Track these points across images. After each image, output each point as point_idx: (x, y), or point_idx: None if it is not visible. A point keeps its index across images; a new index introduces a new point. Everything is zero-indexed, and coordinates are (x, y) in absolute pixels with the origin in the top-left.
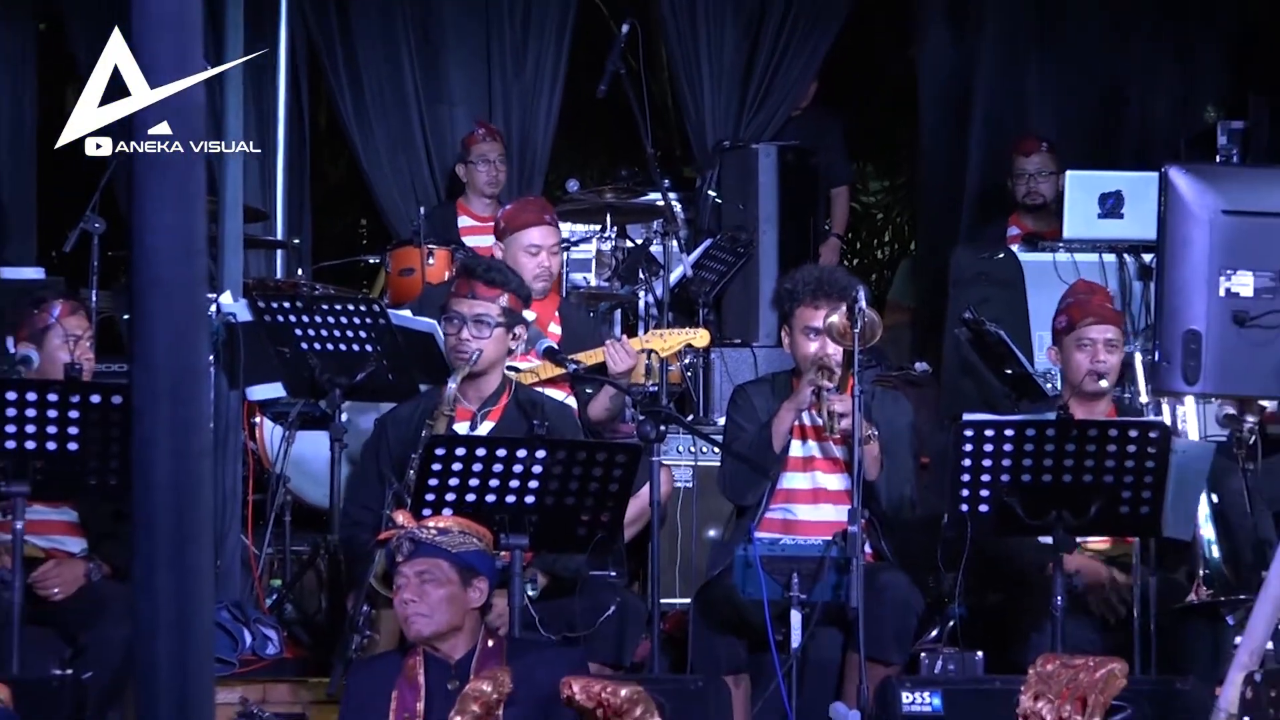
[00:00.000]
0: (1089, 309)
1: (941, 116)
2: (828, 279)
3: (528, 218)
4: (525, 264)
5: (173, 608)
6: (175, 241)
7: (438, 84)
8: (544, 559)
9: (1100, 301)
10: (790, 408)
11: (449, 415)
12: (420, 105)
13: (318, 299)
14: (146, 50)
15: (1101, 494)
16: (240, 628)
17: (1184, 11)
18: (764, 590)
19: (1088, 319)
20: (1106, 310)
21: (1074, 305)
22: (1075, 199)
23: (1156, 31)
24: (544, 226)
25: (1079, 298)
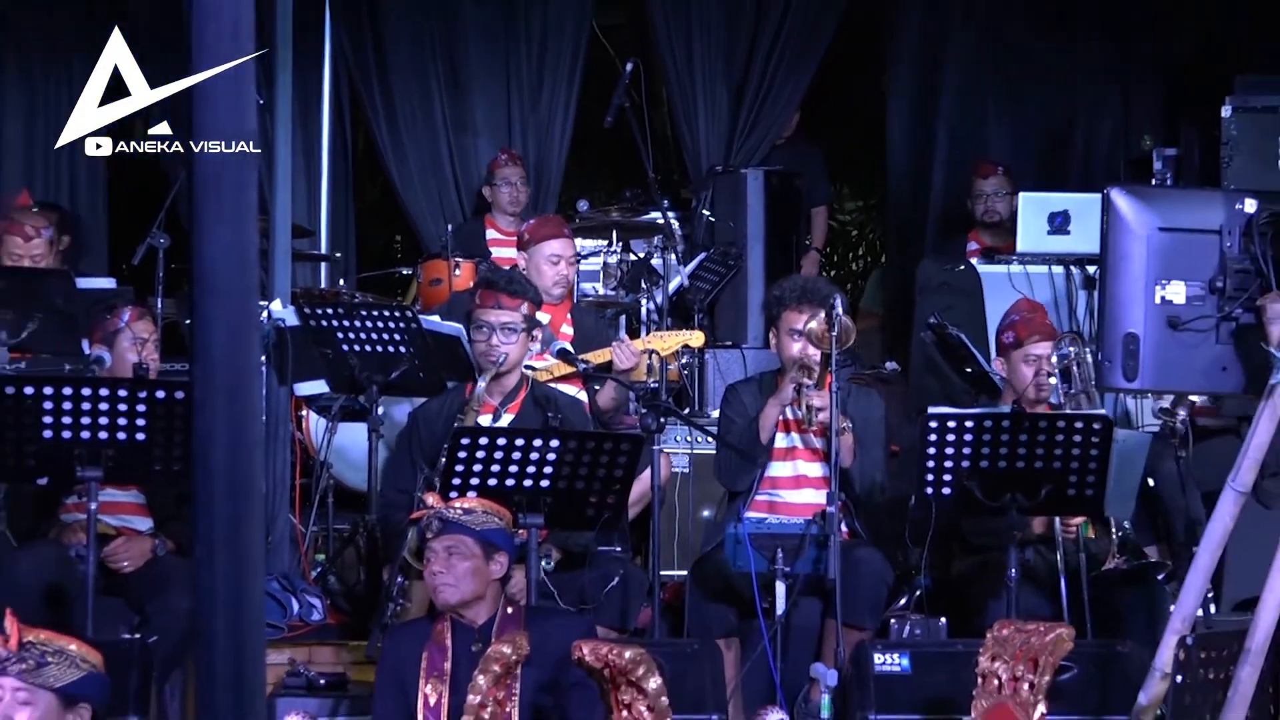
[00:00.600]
0: (1034, 327)
1: (909, 144)
2: (811, 287)
3: (549, 231)
4: (546, 271)
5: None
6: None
7: (463, 115)
8: (557, 536)
9: (1042, 320)
10: (775, 404)
11: (477, 411)
12: (448, 134)
13: (357, 306)
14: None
15: (1050, 479)
16: (289, 597)
17: (1124, 51)
18: (752, 564)
19: (1033, 336)
20: (1048, 328)
21: (1020, 323)
22: (1027, 217)
23: (1099, 68)
24: (564, 239)
25: (1024, 316)
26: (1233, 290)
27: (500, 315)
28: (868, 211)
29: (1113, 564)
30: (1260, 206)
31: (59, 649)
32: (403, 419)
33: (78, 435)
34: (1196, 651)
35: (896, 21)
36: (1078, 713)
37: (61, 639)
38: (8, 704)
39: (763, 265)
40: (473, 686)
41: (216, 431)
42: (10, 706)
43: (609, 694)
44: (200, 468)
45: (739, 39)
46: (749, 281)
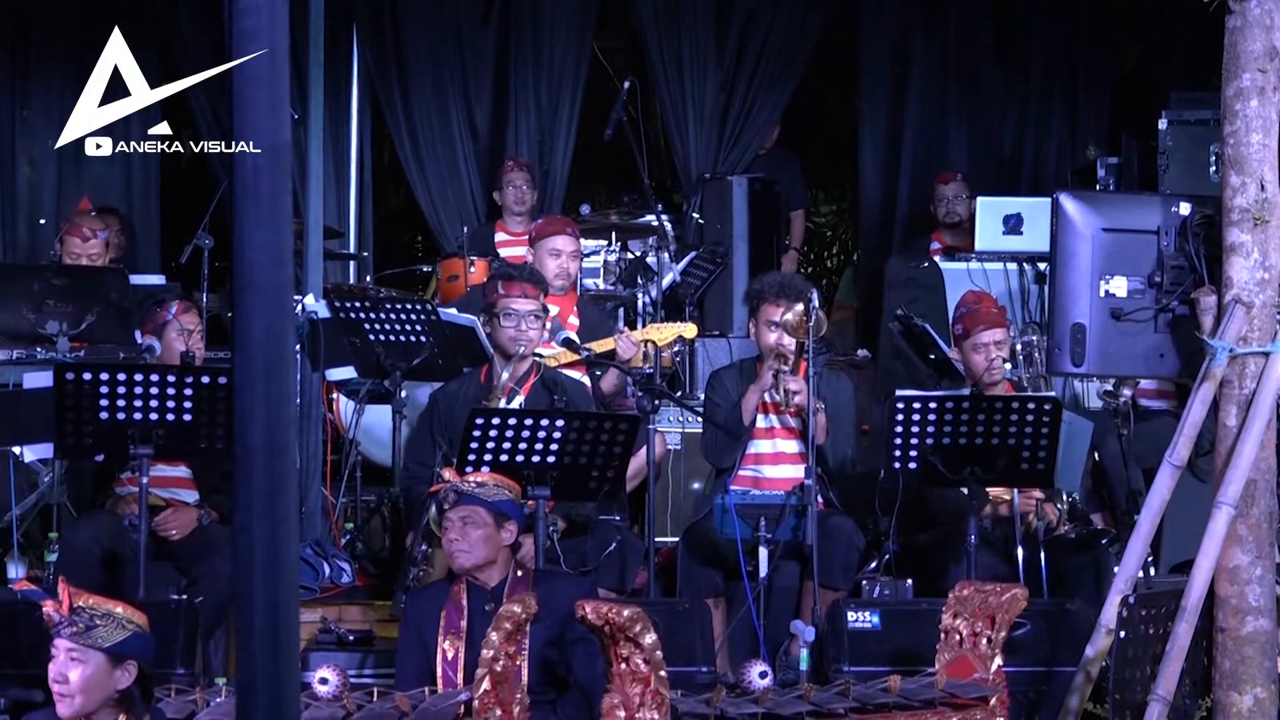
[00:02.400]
0: (980, 317)
1: (878, 153)
2: (788, 282)
3: (554, 228)
4: (549, 264)
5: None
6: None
7: (477, 129)
8: (562, 506)
9: (988, 308)
10: (755, 390)
11: (502, 394)
12: (463, 146)
13: (382, 300)
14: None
15: (1006, 454)
16: (321, 561)
17: (1071, 69)
18: (737, 531)
19: (979, 326)
20: (994, 315)
21: (967, 315)
22: (984, 219)
23: (1049, 85)
24: (565, 236)
25: (970, 308)
26: (1169, 284)
27: (526, 304)
28: (840, 214)
29: (1062, 531)
30: (1193, 209)
31: (106, 612)
32: (424, 401)
33: (131, 416)
34: (1138, 610)
35: (866, 44)
36: (1031, 665)
37: (109, 603)
38: (62, 663)
39: (747, 262)
40: (486, 642)
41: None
42: (65, 665)
43: (609, 648)
44: (240, 447)
45: (725, 60)
46: (734, 277)
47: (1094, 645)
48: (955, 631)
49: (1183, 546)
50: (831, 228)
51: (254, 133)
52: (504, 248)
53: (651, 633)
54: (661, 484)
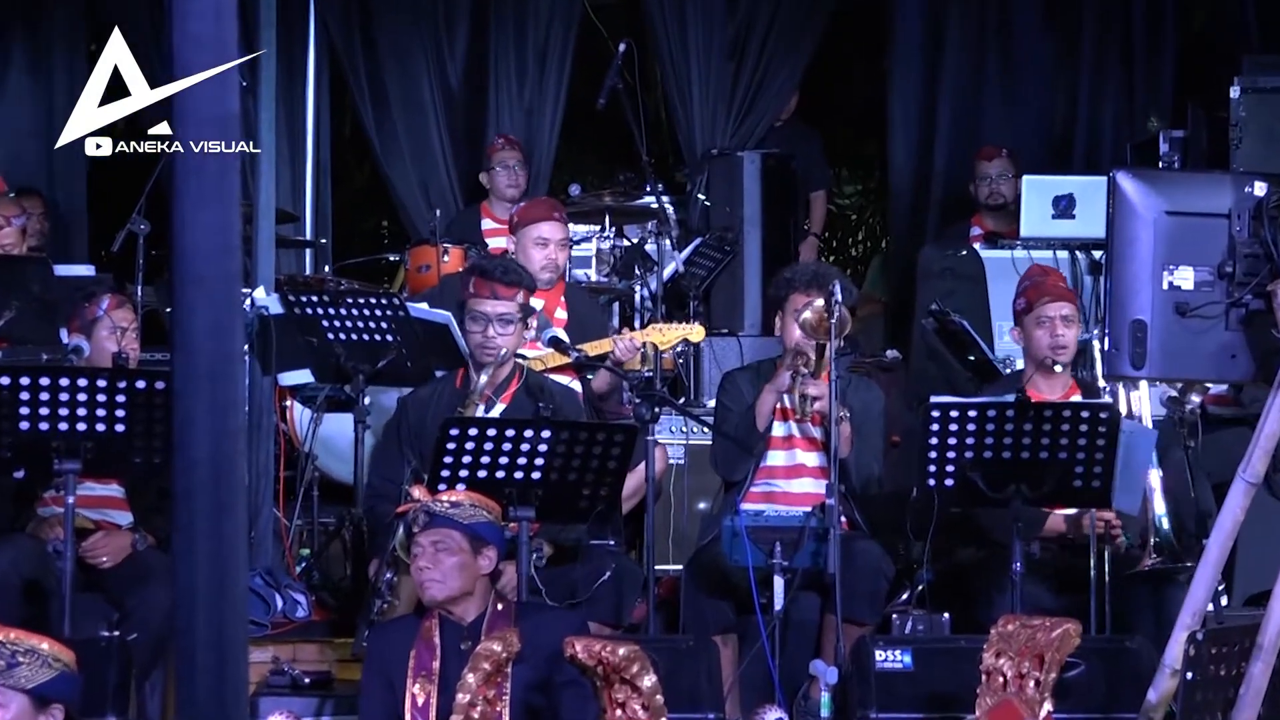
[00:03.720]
0: (1044, 289)
1: (910, 126)
2: (822, 272)
3: (538, 213)
4: (534, 255)
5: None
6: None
7: (452, 96)
8: (549, 529)
9: (1054, 281)
10: (771, 391)
11: (476, 403)
12: (437, 116)
13: (343, 293)
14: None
15: (1056, 469)
16: (272, 592)
17: (1129, 30)
18: (749, 557)
19: (1044, 298)
20: (1060, 289)
21: (1030, 287)
22: (1031, 201)
23: (1104, 48)
24: (553, 222)
25: (1035, 280)
26: (1242, 275)
27: (496, 306)
28: (867, 195)
29: (1149, 564)
30: (1270, 189)
31: (30, 648)
32: (389, 409)
33: (55, 427)
34: (1207, 647)
35: (896, 2)
36: (1085, 710)
37: (33, 638)
38: None
39: (760, 251)
40: (462, 685)
41: (198, 422)
42: None
43: (602, 692)
44: (181, 459)
45: (736, 19)
46: (745, 267)
47: (1157, 688)
48: (999, 672)
49: (1259, 575)
50: (857, 211)
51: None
52: (492, 237)
53: (651, 674)
54: (662, 503)
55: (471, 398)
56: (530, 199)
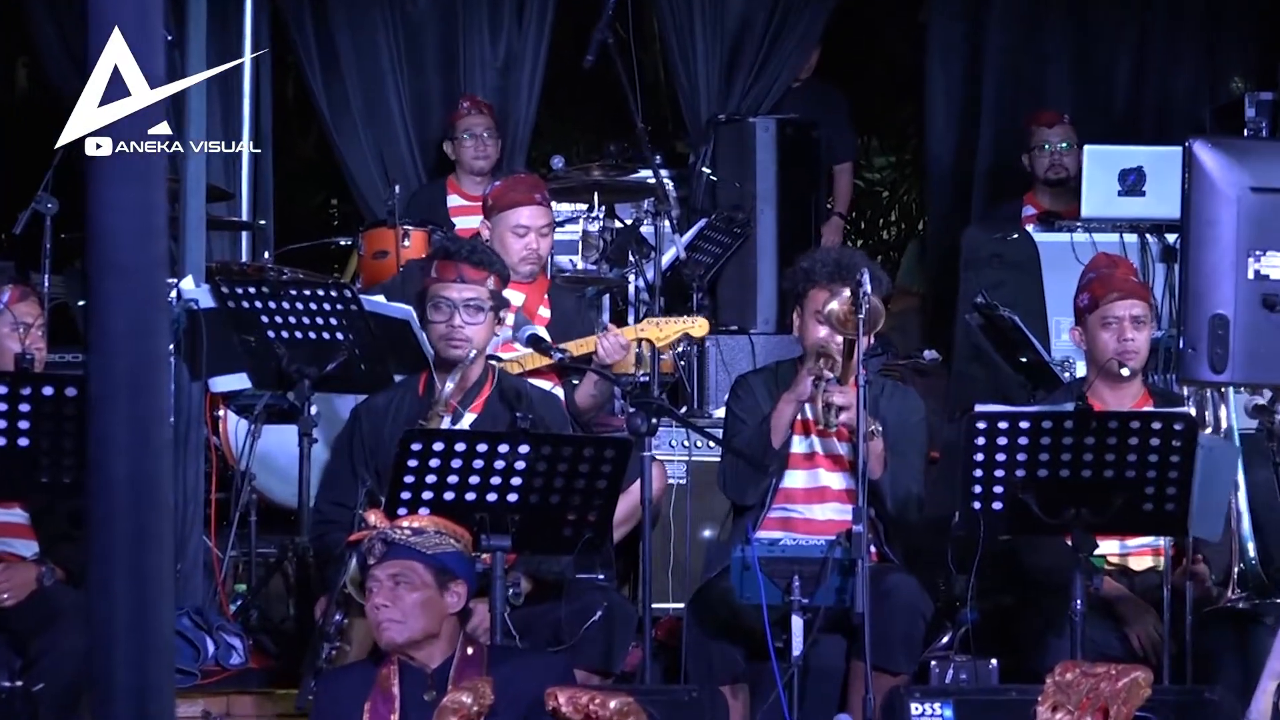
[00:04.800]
0: (1112, 283)
1: (951, 88)
2: (847, 261)
3: (517, 196)
4: (512, 245)
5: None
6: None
7: (415, 54)
8: (527, 561)
9: (1124, 275)
10: (790, 400)
11: (442, 413)
12: (397, 76)
13: (285, 284)
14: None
15: (1123, 490)
16: (203, 636)
17: None
18: (763, 594)
19: (1112, 294)
20: (1131, 284)
21: (1096, 281)
22: (1094, 176)
23: None
24: (534, 206)
25: (1101, 272)
26: None
27: (463, 290)
28: (901, 169)
29: (1232, 601)
30: None
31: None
32: (340, 420)
33: None
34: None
35: None
36: None
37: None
38: None
39: (775, 234)
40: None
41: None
42: None
43: None
44: (96, 478)
45: None
46: (758, 254)
47: None
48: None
49: None
50: (888, 186)
51: None
52: (461, 216)
53: None
54: (660, 531)
55: (436, 407)
56: (507, 177)
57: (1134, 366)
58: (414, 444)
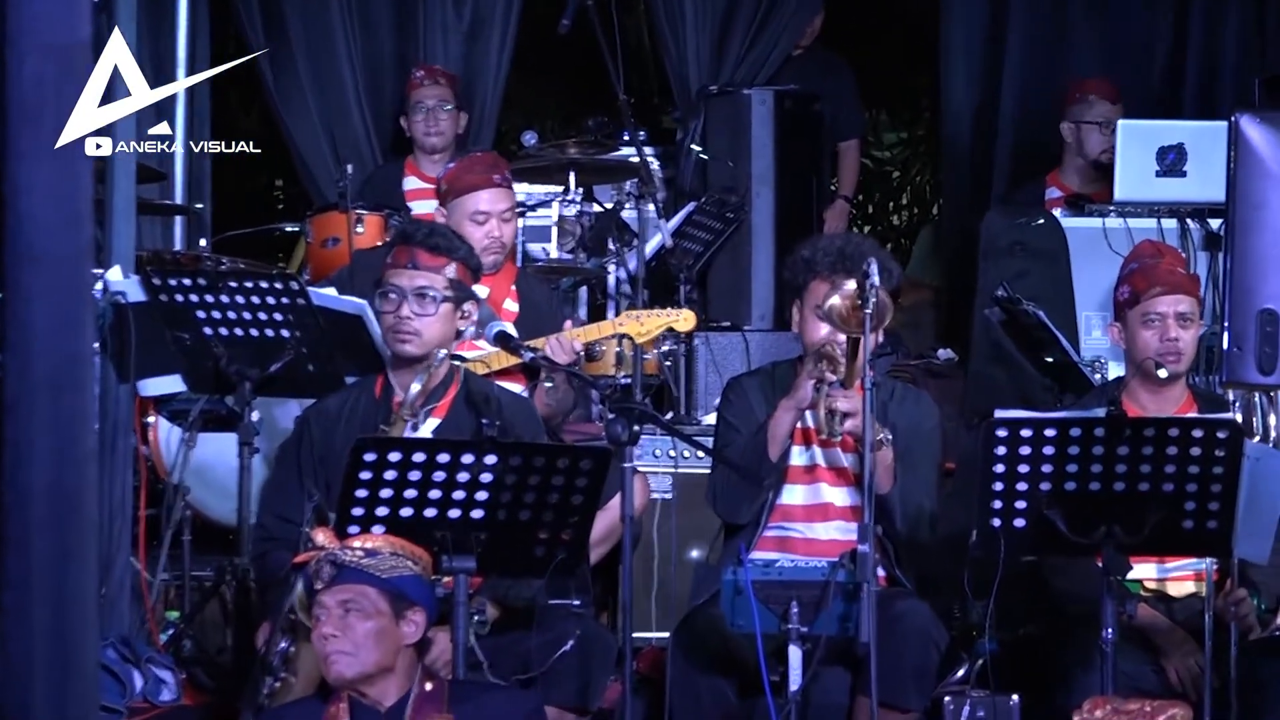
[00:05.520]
0: (1156, 276)
1: (971, 56)
2: (852, 250)
3: (474, 179)
4: (471, 233)
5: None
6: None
7: (371, 17)
8: (494, 585)
9: (1170, 267)
10: (788, 406)
11: (407, 419)
12: (350, 44)
13: (224, 275)
14: None
15: (1161, 506)
16: (129, 669)
17: None
18: (757, 622)
19: (1154, 289)
20: (1178, 277)
21: (1138, 272)
22: (1129, 154)
23: None
24: (494, 189)
25: (1144, 263)
26: None
27: (414, 277)
28: (913, 147)
29: (1274, 629)
30: None
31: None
32: (285, 428)
33: None
34: None
35: None
36: None
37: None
38: None
39: (772, 219)
40: None
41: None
42: None
43: None
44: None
45: None
46: (753, 241)
47: None
48: None
49: None
50: (899, 166)
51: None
52: (419, 200)
53: None
54: (643, 551)
55: (401, 411)
56: (464, 157)
57: (1176, 369)
58: (367, 453)
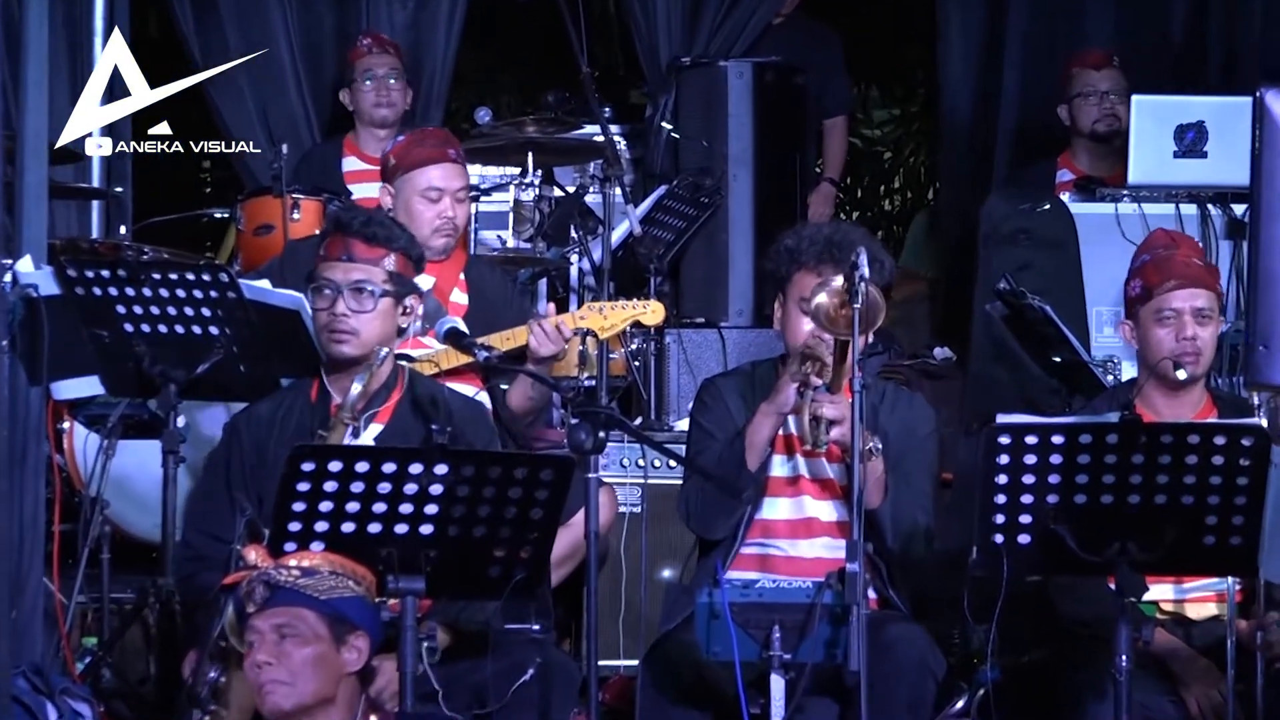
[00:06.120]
0: (1170, 269)
1: (970, 24)
2: (841, 239)
3: (425, 153)
4: (422, 213)
5: None
6: None
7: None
8: (445, 608)
9: (1186, 258)
10: (769, 411)
11: (347, 424)
12: (286, 12)
13: (146, 265)
14: None
15: (1179, 520)
16: (42, 701)
17: None
18: (735, 649)
19: (1168, 282)
20: (1195, 270)
21: (1151, 265)
22: (1144, 132)
23: None
24: (446, 165)
25: (1157, 254)
26: None
27: (350, 271)
28: (907, 124)
29: None
30: None
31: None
32: (213, 435)
33: None
34: None
35: None
36: None
37: None
38: None
39: (751, 204)
40: None
41: None
42: None
43: None
44: None
45: None
46: (731, 229)
47: None
48: None
49: None
50: (892, 146)
51: None
52: (360, 182)
53: None
54: (610, 571)
55: (341, 415)
56: (412, 132)
57: (1194, 370)
58: (305, 463)
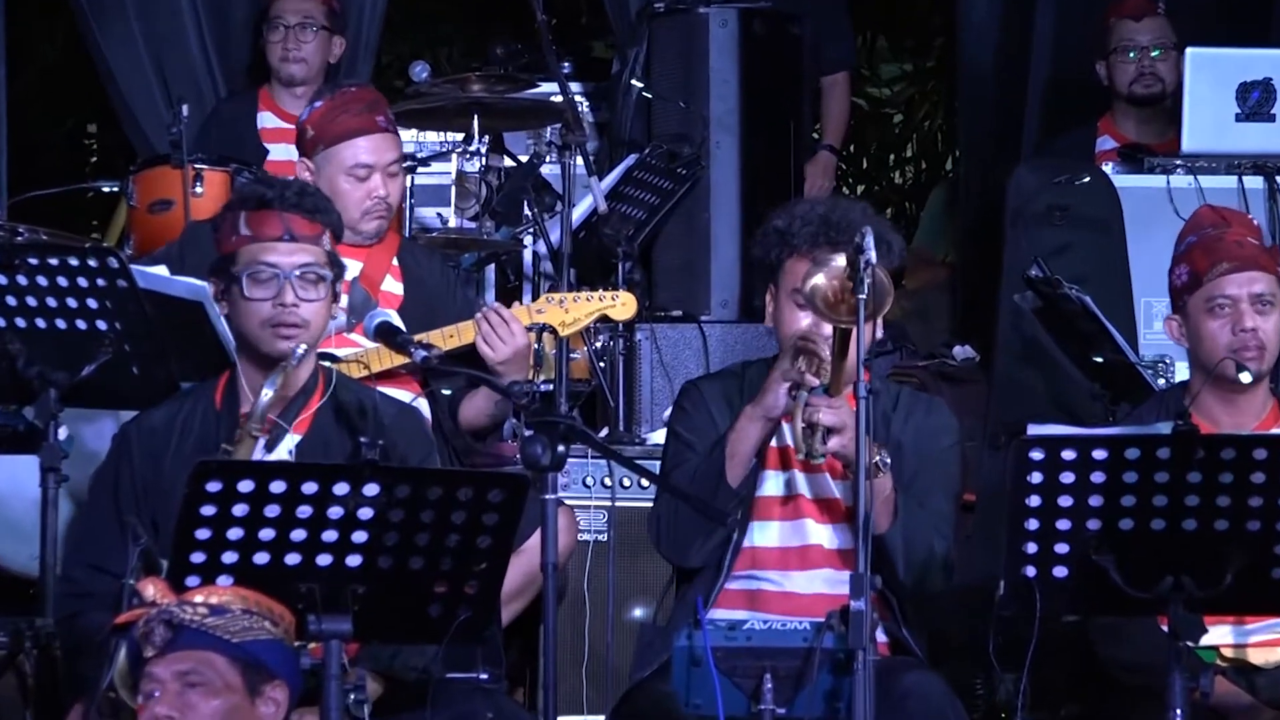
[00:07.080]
0: (1221, 251)
1: None
2: (841, 218)
3: (351, 121)
4: (349, 194)
5: None
6: None
7: None
8: (377, 654)
9: (1238, 237)
10: (755, 415)
11: (256, 435)
12: None
13: (20, 249)
14: None
15: (1243, 550)
16: None
17: None
18: (719, 701)
19: (1220, 266)
20: (1249, 250)
21: (1197, 247)
22: (1200, 92)
23: None
24: (377, 135)
25: (1205, 235)
26: None
27: (295, 252)
28: (920, 82)
29: None
30: None
31: None
32: (100, 449)
33: None
34: None
35: None
36: None
37: None
38: None
39: (737, 177)
40: None
41: None
42: None
43: None
44: None
45: None
46: (713, 206)
47: None
48: None
49: None
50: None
51: None
52: (278, 141)
53: None
54: (571, 608)
55: (248, 425)
56: (335, 94)
57: (1258, 368)
58: (210, 482)
